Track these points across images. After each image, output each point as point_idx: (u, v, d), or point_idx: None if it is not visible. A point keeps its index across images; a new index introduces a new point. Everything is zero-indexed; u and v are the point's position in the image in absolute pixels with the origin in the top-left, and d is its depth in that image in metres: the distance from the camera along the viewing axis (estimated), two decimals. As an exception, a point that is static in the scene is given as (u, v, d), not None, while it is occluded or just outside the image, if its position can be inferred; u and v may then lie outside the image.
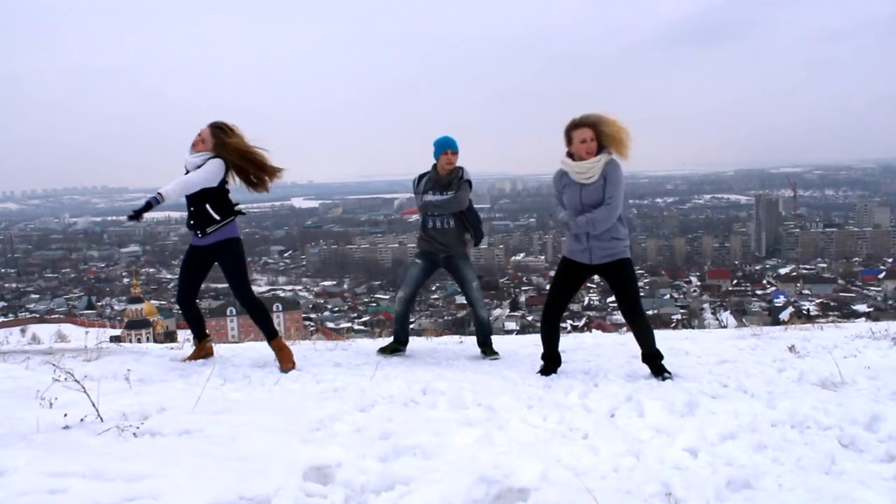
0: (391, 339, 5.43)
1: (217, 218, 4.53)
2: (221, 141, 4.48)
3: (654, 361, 4.32)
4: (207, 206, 4.50)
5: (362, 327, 53.27)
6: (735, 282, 79.41)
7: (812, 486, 2.47)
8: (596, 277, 4.58)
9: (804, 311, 43.52)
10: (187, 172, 4.48)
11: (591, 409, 3.51)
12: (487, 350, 5.21)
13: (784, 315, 40.10)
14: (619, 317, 4.80)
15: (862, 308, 58.80)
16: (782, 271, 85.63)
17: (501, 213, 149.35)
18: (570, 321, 53.50)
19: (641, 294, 4.52)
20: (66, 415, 2.81)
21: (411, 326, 5.67)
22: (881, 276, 75.47)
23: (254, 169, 4.60)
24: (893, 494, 2.40)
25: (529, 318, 59.40)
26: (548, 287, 4.63)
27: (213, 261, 4.68)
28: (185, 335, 5.35)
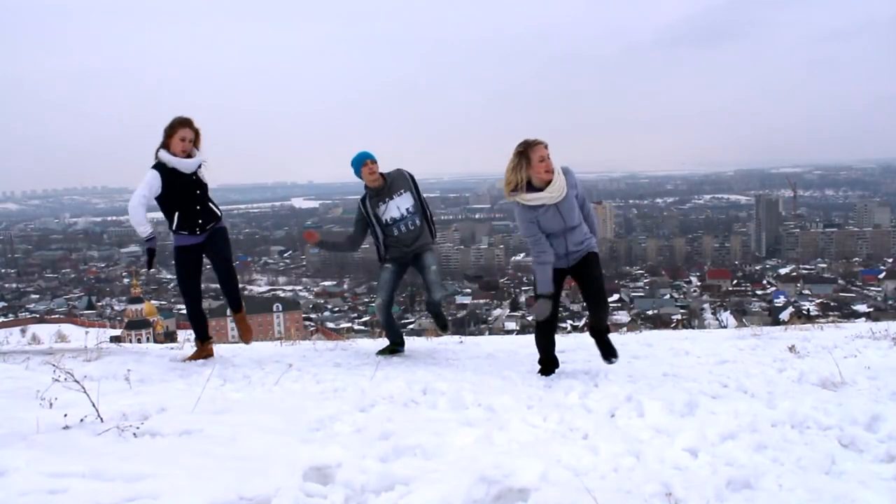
0: (391, 346, 5.37)
1: (219, 213, 4.75)
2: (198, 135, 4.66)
3: (601, 337, 4.41)
4: (210, 204, 4.69)
5: (362, 327, 53.21)
6: (735, 282, 79.40)
7: (812, 486, 2.46)
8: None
9: (804, 311, 43.50)
10: (191, 177, 4.60)
11: (591, 409, 3.51)
12: (439, 320, 5.38)
13: (784, 315, 40.10)
14: (619, 317, 4.79)
15: (862, 308, 58.82)
16: (782, 271, 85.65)
17: (501, 213, 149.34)
18: (569, 321, 53.47)
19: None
20: (66, 415, 2.80)
21: (411, 326, 5.70)
22: (881, 276, 75.48)
23: None
24: (893, 494, 2.40)
25: (529, 318, 59.38)
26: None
27: (203, 254, 4.81)
28: (185, 335, 5.37)
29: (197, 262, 4.80)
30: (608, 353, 4.39)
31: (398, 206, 4.98)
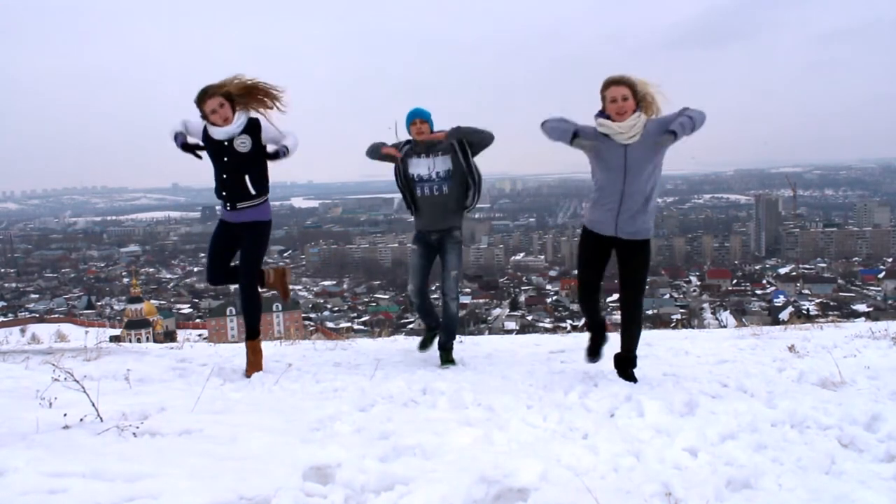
0: (422, 336, 5.21)
1: (253, 192, 4.25)
2: (227, 92, 4.13)
3: (625, 367, 4.18)
4: (247, 177, 4.23)
5: (362, 327, 53.29)
6: (735, 282, 79.49)
7: (812, 486, 2.47)
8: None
9: (804, 311, 43.50)
10: (223, 143, 4.17)
11: (591, 409, 3.51)
12: (447, 356, 4.78)
13: (784, 315, 40.08)
14: (618, 316, 4.64)
15: (862, 308, 58.82)
16: (782, 271, 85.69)
17: (501, 213, 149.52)
18: (569, 321, 53.46)
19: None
20: (65, 415, 2.80)
21: (410, 326, 5.63)
22: (881, 275, 75.55)
23: (264, 96, 4.26)
24: (893, 494, 2.40)
25: (529, 318, 59.40)
26: (548, 287, 4.56)
27: (235, 240, 4.39)
28: (184, 335, 5.32)
29: (223, 245, 4.39)
30: (626, 378, 4.13)
31: (430, 164, 4.49)
